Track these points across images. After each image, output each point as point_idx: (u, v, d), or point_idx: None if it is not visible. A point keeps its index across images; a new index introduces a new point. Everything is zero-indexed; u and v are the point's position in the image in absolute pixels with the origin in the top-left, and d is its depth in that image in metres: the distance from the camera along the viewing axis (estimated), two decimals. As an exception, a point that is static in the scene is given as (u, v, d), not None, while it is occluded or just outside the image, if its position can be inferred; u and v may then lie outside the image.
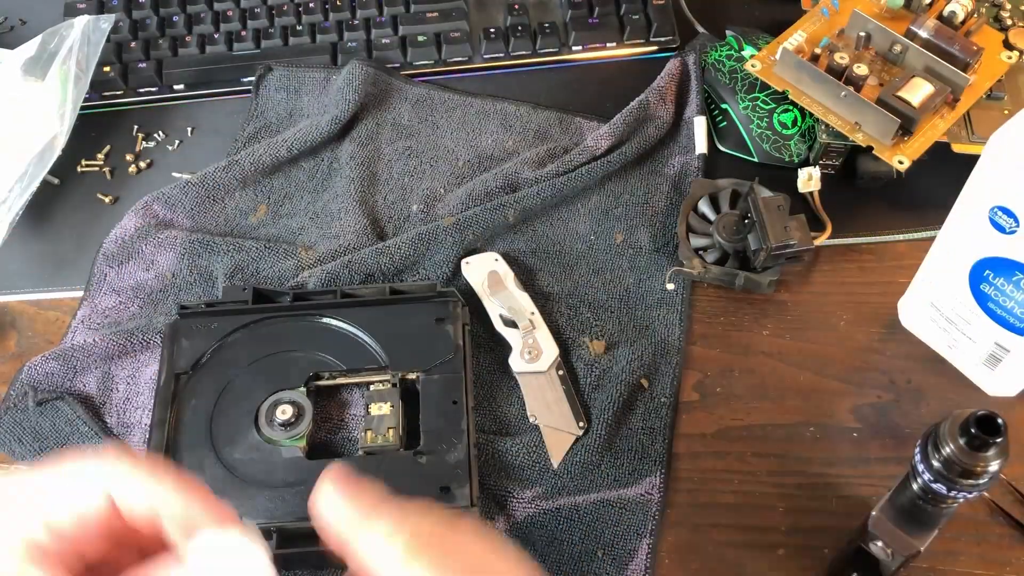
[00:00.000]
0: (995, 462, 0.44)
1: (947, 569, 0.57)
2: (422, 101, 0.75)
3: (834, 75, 0.65)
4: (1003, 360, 0.58)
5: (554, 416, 0.61)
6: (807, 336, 0.65)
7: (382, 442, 0.58)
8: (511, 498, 0.59)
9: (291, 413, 0.59)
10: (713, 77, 0.73)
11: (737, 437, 0.61)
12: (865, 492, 0.59)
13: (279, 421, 0.58)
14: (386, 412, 0.59)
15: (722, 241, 0.66)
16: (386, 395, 0.60)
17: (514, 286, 0.65)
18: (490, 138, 0.73)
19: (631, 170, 0.71)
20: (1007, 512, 0.58)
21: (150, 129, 0.76)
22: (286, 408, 0.59)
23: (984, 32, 0.69)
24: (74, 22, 0.74)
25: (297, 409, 0.59)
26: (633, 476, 0.59)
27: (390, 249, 0.66)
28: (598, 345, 0.64)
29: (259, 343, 0.61)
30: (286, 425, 0.58)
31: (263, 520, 0.55)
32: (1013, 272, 0.53)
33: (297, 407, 0.59)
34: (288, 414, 0.58)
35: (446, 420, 0.58)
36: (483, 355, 0.64)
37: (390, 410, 0.59)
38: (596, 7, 0.79)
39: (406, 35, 0.78)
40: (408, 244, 0.66)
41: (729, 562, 0.57)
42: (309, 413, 0.59)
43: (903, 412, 0.62)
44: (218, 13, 0.80)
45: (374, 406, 0.59)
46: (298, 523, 0.55)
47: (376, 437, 0.58)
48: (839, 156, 0.69)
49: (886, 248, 0.68)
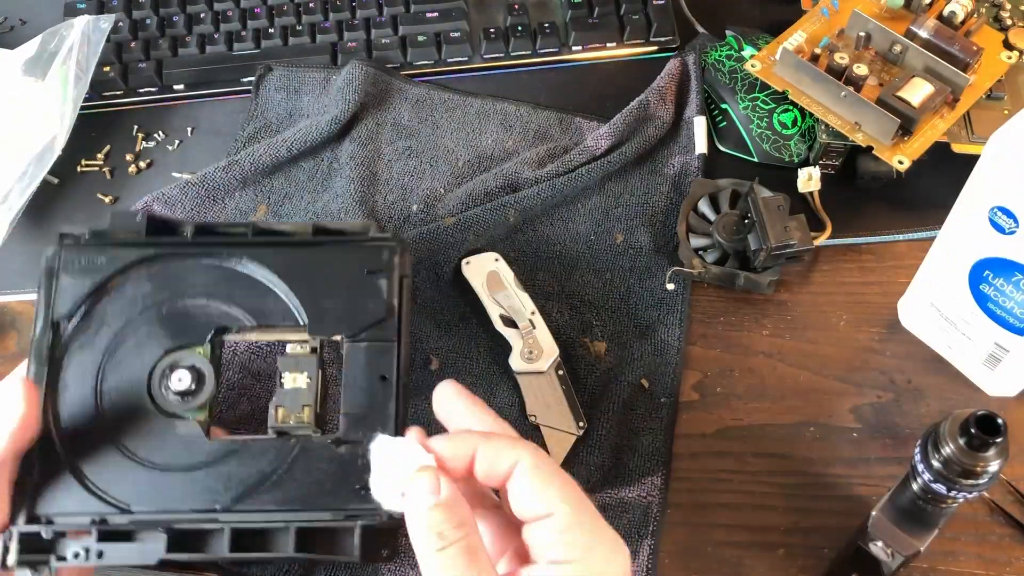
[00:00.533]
0: (995, 462, 0.44)
1: (947, 569, 0.57)
2: (422, 101, 0.75)
3: (834, 75, 0.65)
4: (1003, 360, 0.58)
5: (554, 416, 0.61)
6: (807, 336, 0.65)
7: (295, 422, 0.49)
8: None
9: (189, 380, 0.49)
10: (713, 77, 0.73)
11: (737, 437, 0.61)
12: (865, 492, 0.59)
13: (175, 390, 0.49)
14: (302, 386, 0.50)
15: (722, 241, 0.66)
16: (303, 363, 0.50)
17: (514, 286, 0.65)
18: (490, 138, 0.73)
19: (631, 170, 0.71)
20: (1007, 512, 0.58)
21: (150, 129, 0.76)
22: (183, 375, 0.49)
23: (984, 32, 0.69)
24: (74, 22, 0.74)
25: (196, 375, 0.49)
26: (634, 476, 0.59)
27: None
28: (598, 345, 0.64)
29: (155, 285, 0.51)
30: (183, 395, 0.49)
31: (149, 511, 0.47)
32: (1013, 272, 0.53)
33: (196, 373, 0.49)
34: (186, 382, 0.49)
35: (371, 401, 0.49)
36: (483, 355, 0.64)
37: (307, 383, 0.50)
38: (596, 7, 0.79)
39: (406, 35, 0.78)
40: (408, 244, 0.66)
41: (729, 562, 0.57)
42: (211, 381, 0.49)
43: (903, 412, 0.62)
44: (218, 13, 0.80)
45: (288, 376, 0.50)
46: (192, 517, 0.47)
47: (288, 416, 0.49)
48: (839, 156, 0.69)
49: (886, 248, 0.68)
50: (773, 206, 0.64)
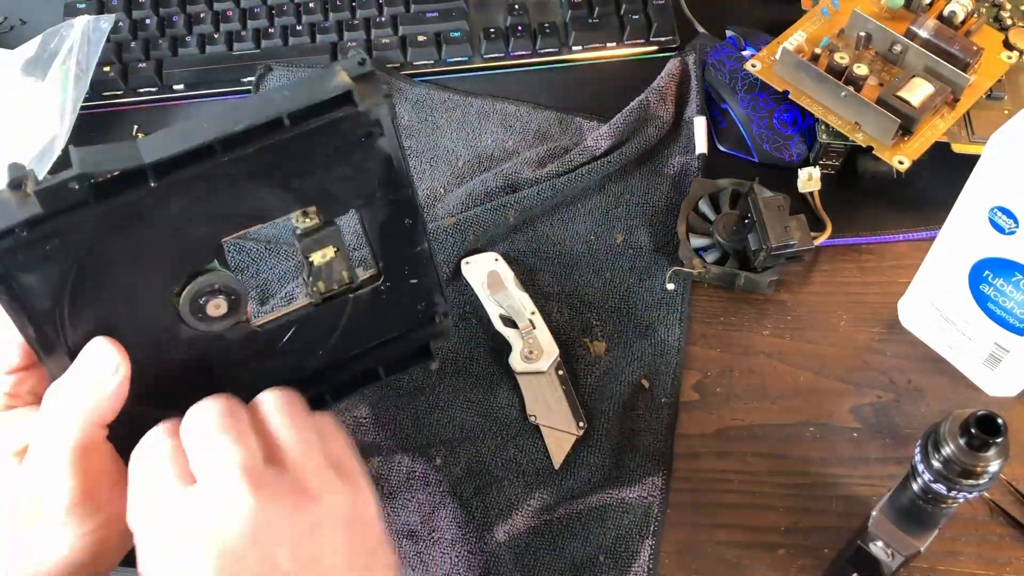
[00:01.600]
0: (995, 462, 0.44)
1: (947, 569, 0.57)
2: (422, 101, 0.75)
3: (834, 75, 0.65)
4: (1003, 360, 0.58)
5: (554, 416, 0.61)
6: (807, 336, 0.65)
7: (340, 288, 0.49)
8: (514, 509, 0.59)
9: (224, 305, 0.47)
10: (713, 77, 0.73)
11: (737, 437, 0.61)
12: (865, 492, 0.59)
13: (215, 316, 0.47)
14: (331, 257, 0.49)
15: (722, 241, 0.66)
16: (324, 237, 0.48)
17: (514, 286, 0.65)
18: (490, 138, 0.73)
19: (631, 170, 0.71)
20: (1007, 512, 0.58)
21: (150, 129, 0.76)
22: (217, 302, 0.47)
23: (984, 32, 0.69)
24: (74, 22, 0.74)
25: (227, 295, 0.47)
26: (634, 477, 0.59)
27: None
28: (598, 345, 0.64)
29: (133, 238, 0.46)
30: (225, 318, 0.48)
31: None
32: (1012, 272, 0.53)
33: (227, 292, 0.47)
34: (222, 308, 0.47)
35: (402, 245, 0.50)
36: (483, 355, 0.64)
37: (335, 252, 0.49)
38: (596, 7, 0.79)
39: (406, 35, 0.78)
40: (408, 244, 0.66)
41: (729, 562, 0.57)
42: (244, 293, 0.48)
43: (903, 412, 0.62)
44: (218, 13, 0.80)
45: (315, 255, 0.48)
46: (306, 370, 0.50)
47: (331, 285, 0.49)
48: (839, 156, 0.69)
49: (886, 248, 0.68)
50: (773, 206, 0.64)
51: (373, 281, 0.50)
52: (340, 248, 0.49)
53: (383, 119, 0.46)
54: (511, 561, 0.57)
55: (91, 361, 0.44)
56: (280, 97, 0.44)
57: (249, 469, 0.41)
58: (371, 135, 0.46)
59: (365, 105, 0.45)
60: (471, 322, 0.65)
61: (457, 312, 0.66)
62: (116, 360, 0.45)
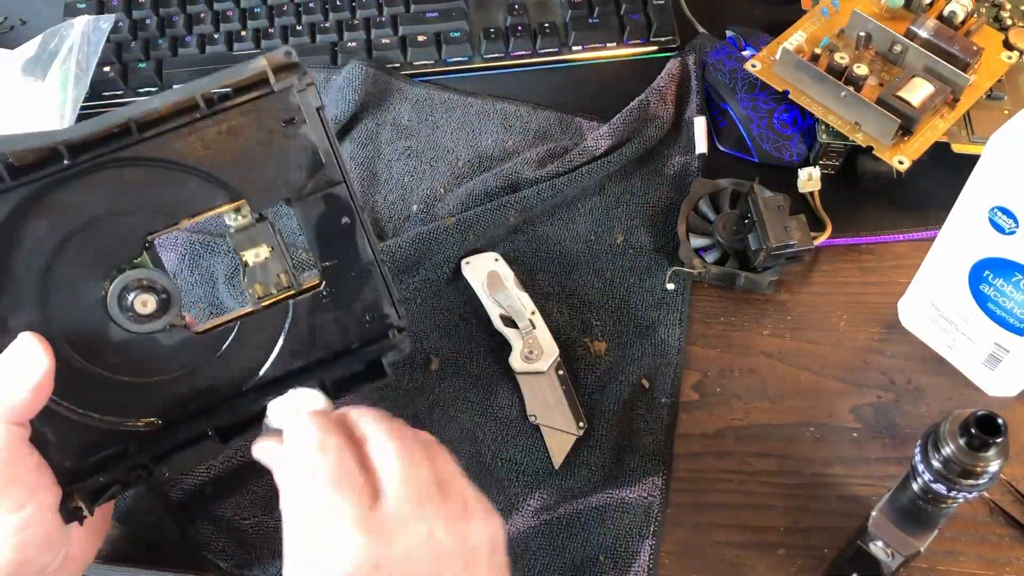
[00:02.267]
0: (995, 462, 0.44)
1: (947, 569, 0.57)
2: (422, 101, 0.75)
3: (834, 75, 0.65)
4: (1003, 360, 0.58)
5: (554, 416, 0.61)
6: (807, 336, 0.65)
7: (276, 291, 0.48)
8: (514, 509, 0.59)
9: (153, 302, 0.46)
10: (713, 77, 0.73)
11: (737, 437, 0.61)
12: (865, 492, 0.59)
13: (143, 313, 0.46)
14: (266, 256, 0.48)
15: (722, 241, 0.66)
16: (257, 234, 0.47)
17: (514, 286, 0.65)
18: (490, 138, 0.73)
19: (631, 170, 0.71)
20: (1007, 512, 0.58)
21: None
22: (145, 299, 0.46)
23: (984, 32, 0.69)
24: (74, 22, 0.74)
25: (157, 292, 0.46)
26: (634, 477, 0.59)
27: (390, 249, 0.66)
28: (598, 345, 0.64)
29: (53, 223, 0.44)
30: (153, 316, 0.47)
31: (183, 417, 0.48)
32: (1012, 272, 0.53)
33: (155, 290, 0.46)
34: (150, 305, 0.46)
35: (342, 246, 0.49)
36: (483, 355, 0.64)
37: (270, 252, 0.48)
38: (596, 7, 0.79)
39: (406, 35, 0.78)
40: (408, 244, 0.66)
41: (729, 562, 0.57)
42: (172, 287, 0.47)
43: (903, 412, 0.62)
44: (218, 13, 0.80)
45: (247, 253, 0.47)
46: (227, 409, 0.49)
47: (268, 288, 0.48)
48: (839, 156, 0.69)
49: (886, 248, 0.68)
50: (773, 206, 0.64)
51: (314, 287, 0.49)
52: (275, 248, 0.48)
53: (304, 106, 0.46)
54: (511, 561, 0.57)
55: (14, 355, 0.44)
56: (200, 82, 0.44)
57: (432, 496, 0.44)
58: (292, 121, 0.46)
59: (280, 86, 0.45)
60: (471, 322, 0.65)
61: (457, 312, 0.66)
62: (40, 355, 0.44)
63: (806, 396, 0.62)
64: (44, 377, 0.44)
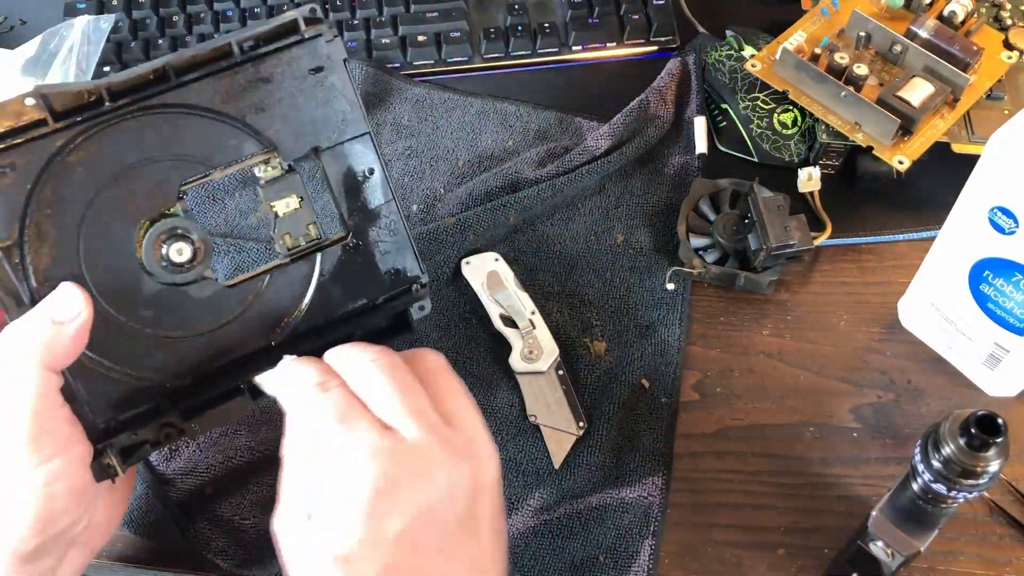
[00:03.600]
0: (995, 462, 0.44)
1: (947, 569, 0.57)
2: (422, 101, 0.75)
3: (834, 75, 0.65)
4: (1003, 360, 0.58)
5: (554, 416, 0.61)
6: (807, 336, 0.65)
7: (305, 243, 0.50)
8: (514, 509, 0.59)
9: (188, 251, 0.48)
10: (713, 77, 0.73)
11: (737, 437, 0.61)
12: (865, 492, 0.59)
13: (177, 262, 0.48)
14: (295, 207, 0.49)
15: (722, 241, 0.66)
16: (286, 184, 0.49)
17: (514, 286, 0.65)
18: (490, 138, 0.73)
19: (631, 170, 0.71)
20: (1007, 512, 0.58)
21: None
22: (180, 247, 0.47)
23: (984, 32, 0.69)
24: (74, 22, 0.74)
25: (192, 242, 0.48)
26: (634, 477, 0.59)
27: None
28: (598, 345, 0.64)
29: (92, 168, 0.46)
30: (188, 266, 0.48)
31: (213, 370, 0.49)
32: (1012, 273, 0.53)
33: (191, 239, 0.48)
34: (186, 253, 0.48)
35: (366, 196, 0.50)
36: (483, 355, 0.64)
37: (299, 202, 0.49)
38: (596, 7, 0.79)
39: (406, 35, 0.78)
40: (408, 244, 0.66)
41: (729, 562, 0.57)
42: (209, 241, 0.48)
43: (903, 412, 0.62)
44: (218, 13, 0.80)
45: (278, 204, 0.49)
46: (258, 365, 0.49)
47: (297, 239, 0.50)
48: (839, 156, 0.69)
49: (886, 248, 0.68)
50: (773, 206, 0.64)
51: (342, 239, 0.50)
52: (304, 199, 0.50)
53: (332, 55, 0.49)
54: (511, 561, 0.57)
55: (55, 302, 0.45)
56: (234, 33, 0.48)
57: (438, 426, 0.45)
58: (320, 70, 0.48)
59: (310, 33, 0.48)
60: (471, 322, 0.65)
61: (457, 312, 0.66)
62: (80, 303, 0.45)
63: (806, 396, 0.63)
64: (83, 325, 0.45)
